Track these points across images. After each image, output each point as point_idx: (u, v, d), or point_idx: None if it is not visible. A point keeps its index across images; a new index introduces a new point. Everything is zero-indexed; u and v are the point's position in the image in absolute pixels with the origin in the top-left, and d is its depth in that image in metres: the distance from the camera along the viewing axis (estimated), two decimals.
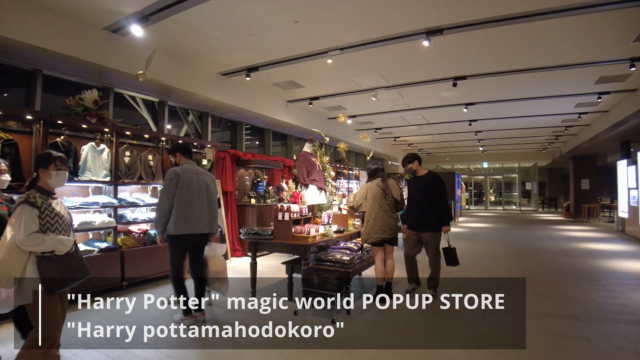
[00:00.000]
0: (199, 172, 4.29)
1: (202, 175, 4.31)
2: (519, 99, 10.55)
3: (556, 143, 19.53)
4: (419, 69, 8.14)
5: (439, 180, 5.19)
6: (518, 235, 12.27)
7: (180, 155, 4.35)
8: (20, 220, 2.55)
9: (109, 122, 5.86)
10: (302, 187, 5.61)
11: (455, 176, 17.52)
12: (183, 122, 9.31)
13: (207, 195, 4.29)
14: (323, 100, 10.61)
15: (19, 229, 2.54)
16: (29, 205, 2.61)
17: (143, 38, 6.16)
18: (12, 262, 2.52)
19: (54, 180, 2.79)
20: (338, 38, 6.46)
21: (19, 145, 4.77)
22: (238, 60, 7.58)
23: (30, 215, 2.58)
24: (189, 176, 4.15)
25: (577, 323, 4.16)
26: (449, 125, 14.74)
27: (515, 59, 7.49)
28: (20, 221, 2.55)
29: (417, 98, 10.62)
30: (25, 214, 2.57)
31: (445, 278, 6.27)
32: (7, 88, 6.20)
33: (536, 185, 27.15)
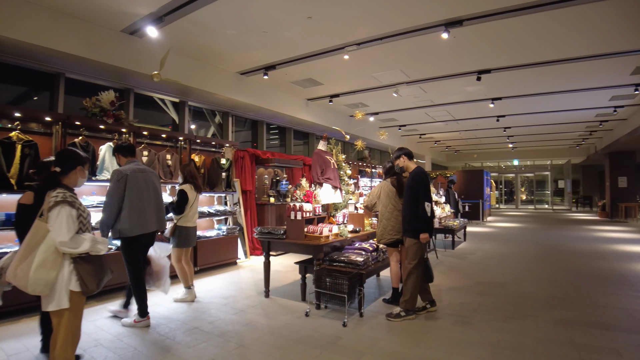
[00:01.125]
0: (144, 171, 4.24)
1: (147, 173, 4.26)
2: (549, 92, 10.08)
3: (590, 139, 18.66)
4: (440, 62, 7.87)
5: (417, 177, 4.44)
6: (548, 236, 11.75)
7: (120, 155, 4.28)
8: (61, 221, 2.39)
9: (125, 122, 5.92)
10: (316, 185, 5.50)
11: (483, 174, 16.99)
12: (210, 122, 9.41)
13: (154, 193, 4.25)
14: (343, 98, 10.48)
15: (61, 231, 2.37)
16: (69, 206, 2.45)
17: (159, 39, 6.24)
18: (49, 266, 2.35)
19: (84, 180, 2.72)
20: (353, 32, 6.31)
21: (38, 146, 4.88)
22: (254, 59, 7.54)
23: (70, 215, 2.43)
24: (136, 175, 4.08)
25: (606, 333, 3.85)
26: (476, 122, 14.31)
27: (543, 50, 7.11)
28: (61, 222, 2.38)
29: (441, 93, 10.33)
30: (67, 215, 2.42)
31: (466, 282, 6.05)
32: (34, 91, 6.39)
33: (569, 183, 26.07)
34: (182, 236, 5.06)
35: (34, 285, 2.30)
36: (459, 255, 8.31)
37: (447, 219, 10.17)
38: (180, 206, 5.01)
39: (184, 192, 5.03)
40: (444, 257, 8.08)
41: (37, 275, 2.30)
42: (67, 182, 2.62)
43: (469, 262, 7.56)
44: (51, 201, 2.44)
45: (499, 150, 24.16)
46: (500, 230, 13.36)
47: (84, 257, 2.48)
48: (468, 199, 15.86)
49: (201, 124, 9.23)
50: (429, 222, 4.32)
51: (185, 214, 5.05)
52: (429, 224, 4.33)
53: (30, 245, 2.39)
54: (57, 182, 2.58)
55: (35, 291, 2.32)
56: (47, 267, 2.34)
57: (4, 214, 4.64)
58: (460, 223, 9.82)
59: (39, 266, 2.31)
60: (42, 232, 2.41)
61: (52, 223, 2.39)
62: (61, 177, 2.61)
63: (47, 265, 2.34)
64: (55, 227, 2.37)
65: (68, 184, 2.62)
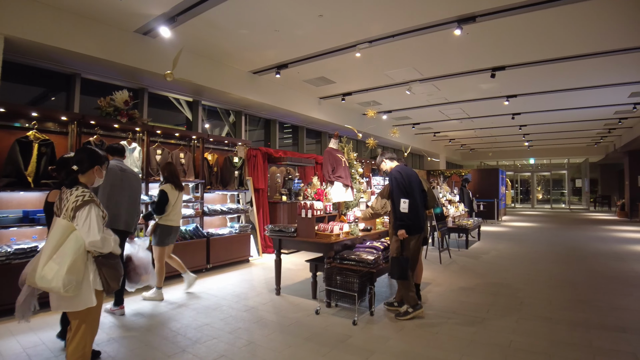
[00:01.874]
0: (124, 170, 4.30)
1: (127, 173, 4.31)
2: (565, 89, 9.88)
3: (609, 137, 18.24)
4: (453, 60, 7.78)
5: (390, 177, 4.50)
6: (565, 236, 11.54)
7: (108, 155, 4.33)
8: (91, 221, 2.36)
9: (139, 121, 6.00)
10: (327, 184, 5.49)
11: (499, 173, 16.75)
12: (224, 122, 9.49)
13: (128, 194, 4.27)
14: (356, 96, 10.44)
15: (91, 231, 2.35)
16: (95, 205, 2.44)
17: (172, 39, 6.31)
18: (79, 265, 2.32)
19: (101, 179, 2.70)
20: (365, 30, 6.28)
21: (55, 145, 4.98)
22: (267, 58, 7.57)
23: (98, 215, 2.43)
24: (113, 171, 4.14)
25: (624, 336, 3.76)
26: (491, 119, 14.12)
27: (559, 45, 6.96)
28: (89, 222, 2.36)
29: (455, 91, 10.22)
30: (96, 214, 2.40)
31: (478, 282, 5.98)
32: (51, 92, 6.54)
33: (587, 182, 25.54)
34: (163, 234, 5.05)
35: (68, 286, 2.26)
36: (472, 255, 8.22)
37: (461, 218, 10.07)
38: (160, 206, 5.00)
39: (164, 192, 5.02)
40: (457, 257, 8.00)
41: (71, 276, 2.27)
42: (85, 180, 2.57)
43: (482, 262, 7.47)
44: (78, 200, 2.39)
45: (514, 148, 23.80)
46: (515, 230, 13.16)
47: (105, 256, 2.45)
48: (483, 198, 15.67)
49: (215, 123, 9.32)
50: (405, 219, 4.28)
51: (167, 213, 5.06)
52: (405, 220, 4.28)
53: (57, 244, 2.34)
54: (76, 180, 2.54)
55: (68, 292, 2.27)
56: (78, 267, 2.31)
57: (22, 211, 4.76)
58: (474, 222, 9.71)
59: (72, 267, 2.28)
60: (67, 231, 2.36)
61: (82, 223, 2.35)
62: (79, 175, 2.56)
63: (78, 265, 2.32)
64: (86, 227, 2.35)
65: (85, 183, 2.57)
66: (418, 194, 4.46)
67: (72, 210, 2.37)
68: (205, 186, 7.04)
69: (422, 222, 4.48)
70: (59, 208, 2.45)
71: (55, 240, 2.35)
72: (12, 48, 5.33)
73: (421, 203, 4.52)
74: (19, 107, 4.99)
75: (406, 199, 4.29)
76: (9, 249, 4.46)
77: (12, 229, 4.77)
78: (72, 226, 2.37)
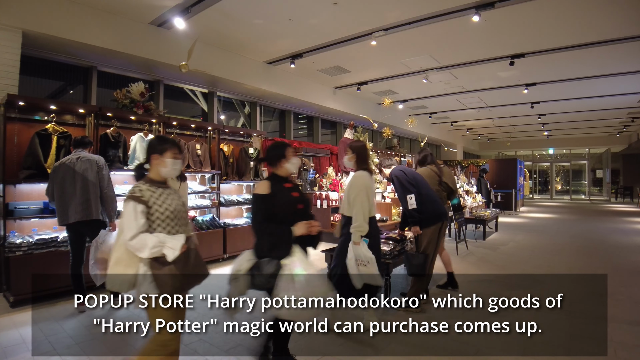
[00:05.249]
0: (76, 160, 4.15)
1: (79, 161, 4.15)
2: (587, 77, 9.61)
3: (633, 126, 17.75)
4: (471, 47, 7.63)
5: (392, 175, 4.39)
6: (585, 228, 11.29)
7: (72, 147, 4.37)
8: (125, 218, 2.22)
9: (155, 112, 6.04)
10: (342, 174, 5.47)
11: (517, 163, 16.45)
12: (239, 113, 9.52)
13: (81, 181, 4.10)
14: (372, 85, 10.34)
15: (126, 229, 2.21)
16: (134, 201, 2.24)
17: (186, 30, 6.32)
18: (125, 263, 2.22)
19: (169, 169, 2.41)
20: (381, 18, 6.20)
21: (72, 137, 5.05)
22: (281, 48, 7.54)
23: (134, 212, 2.22)
24: (64, 166, 4.10)
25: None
26: (510, 108, 13.85)
27: (579, 31, 6.77)
28: (124, 219, 2.22)
29: (473, 79, 10.03)
30: (131, 211, 2.22)
31: (497, 274, 5.90)
32: (69, 85, 6.63)
33: (609, 173, 24.85)
34: None
35: (111, 283, 2.23)
36: (490, 246, 8.11)
37: (479, 208, 9.93)
38: None
39: None
40: (475, 248, 7.91)
41: (114, 271, 2.23)
42: (151, 174, 2.42)
43: (500, 254, 7.37)
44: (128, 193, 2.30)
45: (533, 138, 23.35)
46: (533, 221, 12.94)
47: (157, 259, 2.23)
48: (500, 189, 15.43)
49: (231, 114, 9.35)
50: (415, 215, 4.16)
51: None
52: (415, 216, 4.16)
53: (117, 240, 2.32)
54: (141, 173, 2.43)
55: (113, 288, 2.23)
56: (123, 264, 2.24)
57: (42, 203, 4.84)
58: (492, 213, 9.57)
59: (115, 264, 2.24)
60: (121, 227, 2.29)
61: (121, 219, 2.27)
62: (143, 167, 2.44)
63: (122, 262, 2.24)
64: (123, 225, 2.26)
65: (153, 177, 2.41)
66: (425, 187, 4.33)
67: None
68: (221, 177, 7.08)
69: (437, 211, 4.34)
70: None
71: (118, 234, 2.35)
72: (29, 42, 5.41)
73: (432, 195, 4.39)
74: (38, 100, 5.09)
75: (411, 194, 4.18)
76: (30, 239, 4.56)
77: (33, 219, 4.87)
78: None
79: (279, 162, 2.76)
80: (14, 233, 4.71)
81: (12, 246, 4.40)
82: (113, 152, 5.50)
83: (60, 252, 4.61)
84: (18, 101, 4.73)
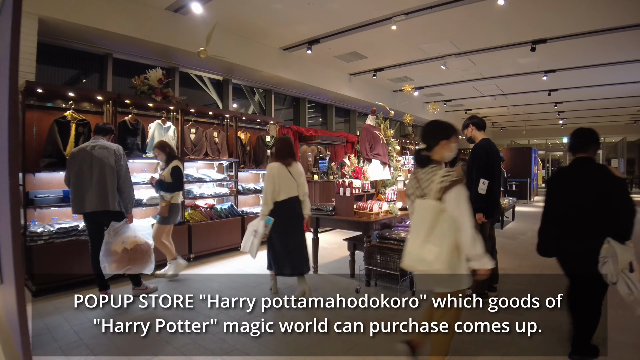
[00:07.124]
0: (94, 148, 3.99)
1: (96, 149, 3.98)
2: (609, 63, 9.27)
3: None
4: (493, 32, 7.40)
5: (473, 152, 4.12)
6: None
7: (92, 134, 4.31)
8: (463, 207, 2.25)
9: (173, 99, 5.96)
10: (364, 162, 5.35)
11: (531, 152, 16.15)
12: (249, 101, 9.42)
13: (98, 170, 3.94)
14: (388, 72, 10.13)
15: (468, 214, 2.25)
16: (464, 187, 2.31)
17: (203, 15, 6.19)
18: (457, 246, 2.27)
19: (453, 153, 2.46)
20: (402, 2, 6.02)
21: (91, 125, 4.99)
22: (299, 33, 7.39)
23: (467, 199, 2.29)
24: (81, 154, 3.95)
25: None
26: (526, 96, 13.53)
27: (605, 15, 6.50)
28: (462, 209, 2.25)
29: (491, 66, 9.77)
30: (464, 198, 2.27)
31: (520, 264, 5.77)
32: (84, 73, 6.57)
33: (623, 162, 24.30)
34: (175, 213, 4.99)
35: (451, 267, 2.27)
36: (508, 236, 7.98)
37: None
38: (179, 181, 4.90)
39: (178, 167, 4.87)
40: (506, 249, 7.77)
41: (452, 257, 2.25)
42: (437, 157, 2.42)
43: (520, 243, 7.24)
44: (444, 180, 2.27)
45: (548, 127, 22.85)
46: None
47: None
48: (515, 178, 15.20)
49: (241, 102, 9.25)
50: (480, 202, 3.84)
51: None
52: (480, 203, 3.84)
53: (430, 226, 2.27)
54: (427, 158, 2.42)
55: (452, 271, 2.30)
56: (456, 248, 2.28)
57: (62, 191, 4.79)
58: (509, 202, 9.39)
59: (452, 248, 2.25)
60: (438, 212, 2.27)
61: (454, 206, 2.24)
62: (430, 153, 2.41)
63: (456, 246, 2.28)
64: (462, 212, 2.25)
65: (439, 160, 2.42)
66: (498, 175, 4.06)
67: (439, 192, 2.27)
68: (239, 165, 7.01)
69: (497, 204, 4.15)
70: (418, 188, 2.40)
71: (427, 222, 2.27)
72: (46, 30, 5.33)
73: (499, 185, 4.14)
74: (57, 87, 5.04)
75: (486, 179, 3.88)
76: (51, 228, 4.54)
77: (53, 208, 4.85)
78: (442, 207, 2.27)
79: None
80: (34, 222, 4.70)
81: (33, 235, 4.38)
82: (131, 139, 5.44)
83: (81, 240, 4.60)
84: (37, 88, 4.67)
